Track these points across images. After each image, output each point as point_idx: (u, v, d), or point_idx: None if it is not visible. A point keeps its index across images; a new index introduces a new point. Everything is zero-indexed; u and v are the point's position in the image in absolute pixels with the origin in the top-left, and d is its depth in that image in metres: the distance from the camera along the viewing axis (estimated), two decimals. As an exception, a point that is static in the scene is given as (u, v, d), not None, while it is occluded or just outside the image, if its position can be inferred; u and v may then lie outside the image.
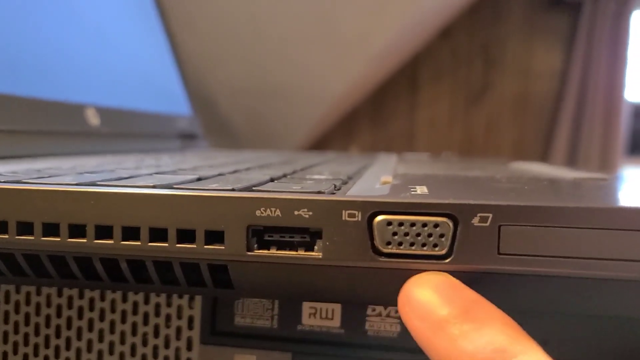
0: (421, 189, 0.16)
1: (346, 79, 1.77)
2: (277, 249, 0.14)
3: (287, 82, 1.74)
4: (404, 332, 0.19)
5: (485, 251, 0.13)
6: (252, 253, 0.14)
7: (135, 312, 0.20)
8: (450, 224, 0.14)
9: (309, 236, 0.14)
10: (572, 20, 1.86)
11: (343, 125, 2.07)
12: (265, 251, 0.14)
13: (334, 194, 0.15)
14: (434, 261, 0.14)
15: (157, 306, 0.20)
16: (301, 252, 0.14)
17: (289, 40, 1.59)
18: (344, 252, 0.14)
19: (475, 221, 0.13)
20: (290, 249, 0.14)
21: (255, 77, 1.76)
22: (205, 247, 0.14)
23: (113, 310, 0.20)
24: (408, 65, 2.00)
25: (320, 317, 0.19)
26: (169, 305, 0.20)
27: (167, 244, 0.14)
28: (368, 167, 0.28)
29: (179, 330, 0.20)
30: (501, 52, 1.97)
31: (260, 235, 0.14)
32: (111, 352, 0.20)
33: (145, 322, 0.20)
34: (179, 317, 0.20)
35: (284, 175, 0.21)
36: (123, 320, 0.20)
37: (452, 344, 0.12)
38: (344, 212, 0.14)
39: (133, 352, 0.20)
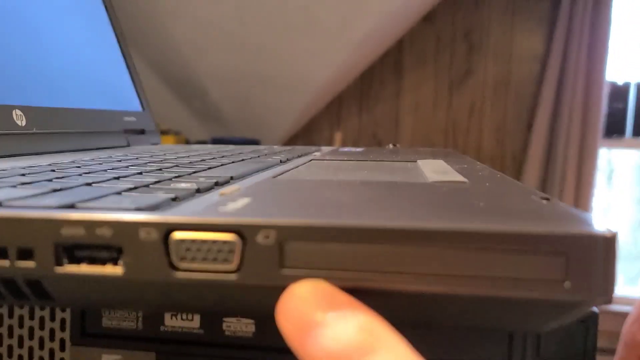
0: (242, 202, 0.17)
1: (330, 66, 1.77)
2: (88, 264, 0.15)
3: (273, 70, 1.74)
4: (259, 332, 0.20)
5: (270, 266, 0.14)
6: (61, 268, 0.15)
7: (11, 316, 0.21)
8: (238, 241, 0.15)
9: (115, 252, 0.15)
10: (553, 4, 1.86)
11: (331, 112, 2.08)
12: (74, 266, 0.15)
13: (140, 210, 0.16)
14: (225, 275, 0.15)
15: (32, 310, 0.21)
16: (105, 268, 0.15)
17: (273, 29, 1.59)
18: (143, 268, 0.15)
19: (259, 238, 0.14)
20: (101, 264, 0.15)
21: (242, 66, 1.77)
22: (17, 263, 0.15)
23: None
24: (392, 50, 2.00)
25: (181, 318, 0.21)
26: (42, 308, 0.21)
27: None
28: (263, 169, 0.29)
29: (52, 333, 0.21)
30: (483, 36, 1.97)
31: (72, 251, 0.15)
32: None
33: (21, 325, 0.21)
34: (52, 319, 0.21)
35: (156, 182, 0.22)
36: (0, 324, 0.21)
37: (315, 339, 0.13)
38: (141, 230, 0.15)
39: (10, 353, 0.21)
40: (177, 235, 0.15)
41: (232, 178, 0.24)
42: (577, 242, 0.14)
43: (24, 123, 0.34)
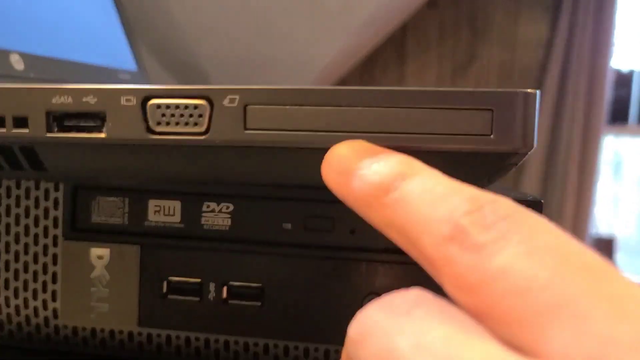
0: None
1: (332, 50, 1.78)
2: (77, 132, 0.17)
3: (274, 53, 1.76)
4: (234, 225, 0.22)
5: (234, 127, 0.16)
6: (51, 134, 0.17)
7: (8, 214, 0.23)
8: (207, 105, 0.16)
9: (100, 120, 0.17)
10: (557, -11, 1.86)
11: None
12: (64, 133, 0.17)
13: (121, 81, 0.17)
14: (196, 136, 0.17)
15: (27, 208, 0.23)
16: (91, 134, 0.17)
17: (274, 11, 1.60)
18: (123, 131, 0.17)
19: (226, 102, 0.16)
20: (88, 132, 0.17)
21: (243, 49, 1.78)
22: (14, 130, 0.17)
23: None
24: (396, 35, 2.01)
25: (164, 214, 0.22)
26: (36, 207, 0.23)
27: None
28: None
29: (46, 229, 0.23)
30: (487, 21, 1.97)
31: (62, 120, 0.17)
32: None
33: (17, 223, 0.23)
34: (46, 217, 0.23)
35: None
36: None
37: (358, 177, 0.14)
38: (122, 97, 0.17)
39: (7, 249, 0.23)
40: (154, 101, 0.17)
41: None
42: (500, 98, 0.15)
43: (22, 68, 0.36)
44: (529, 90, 0.16)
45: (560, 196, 1.83)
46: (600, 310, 0.11)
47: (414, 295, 0.13)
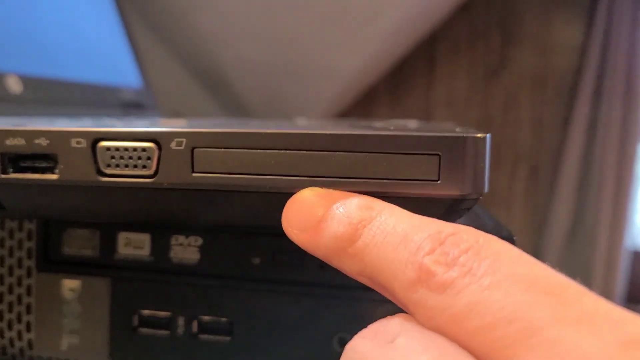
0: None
1: (361, 56, 1.78)
2: (31, 172, 0.17)
3: (300, 61, 1.76)
4: (203, 259, 0.22)
5: (182, 170, 0.16)
6: (5, 175, 0.17)
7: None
8: (156, 148, 0.16)
9: (53, 162, 0.17)
10: (591, -8, 1.82)
11: (361, 103, 2.08)
12: (19, 174, 0.17)
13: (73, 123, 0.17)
14: (144, 179, 0.16)
15: (2, 240, 0.23)
16: (43, 175, 0.17)
17: (301, 17, 1.60)
18: (74, 173, 0.17)
19: (173, 145, 0.16)
20: (41, 173, 0.17)
21: (269, 55, 1.79)
22: None
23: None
24: (425, 41, 1.99)
25: (133, 247, 0.22)
26: (11, 237, 0.23)
27: None
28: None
29: (20, 260, 0.23)
30: (519, 26, 1.94)
31: (17, 162, 0.17)
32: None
33: (-7, 253, 0.23)
34: (20, 248, 0.23)
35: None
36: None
37: (323, 231, 0.15)
38: (72, 140, 0.16)
39: (-17, 279, 0.23)
40: (103, 143, 0.16)
41: None
42: (447, 142, 0.15)
43: (20, 90, 0.37)
44: (477, 134, 0.15)
45: (596, 208, 1.78)
46: (570, 332, 0.11)
47: (397, 323, 0.13)
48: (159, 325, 0.22)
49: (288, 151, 0.15)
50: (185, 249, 0.22)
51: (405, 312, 0.14)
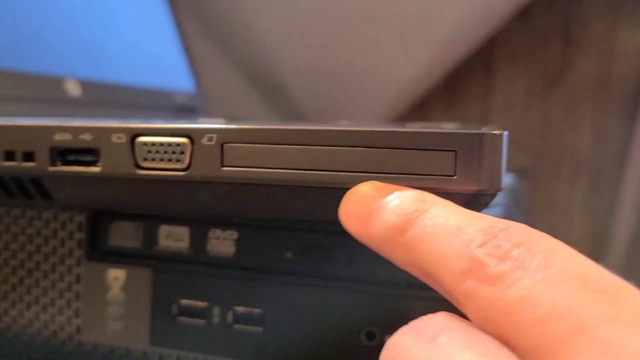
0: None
1: (415, 62, 1.76)
2: (76, 166, 0.18)
3: (353, 67, 1.76)
4: (238, 252, 0.23)
5: (212, 164, 0.17)
6: (53, 168, 0.18)
7: (38, 235, 0.25)
8: (189, 143, 0.17)
9: (96, 156, 0.18)
10: (658, -5, 1.75)
11: (416, 109, 2.07)
12: (64, 167, 0.18)
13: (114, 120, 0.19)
14: (178, 172, 0.17)
15: (55, 231, 0.25)
16: (87, 168, 0.18)
17: (354, 22, 1.61)
18: (114, 166, 0.18)
19: (205, 141, 0.17)
20: (86, 165, 0.18)
21: (323, 61, 1.80)
22: (23, 164, 0.19)
23: (23, 234, 0.25)
24: (482, 47, 1.96)
25: (174, 239, 0.23)
26: (63, 229, 0.24)
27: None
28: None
29: (71, 250, 0.24)
30: (582, 30, 1.88)
31: (64, 155, 0.19)
32: (22, 266, 0.25)
33: (46, 243, 0.25)
34: (71, 238, 0.24)
35: None
36: (31, 241, 0.25)
37: (376, 220, 0.15)
38: (113, 135, 0.18)
39: (37, 267, 0.25)
40: (141, 138, 0.18)
41: None
42: (463, 139, 0.15)
43: (78, 94, 0.39)
44: (494, 131, 0.15)
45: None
46: (622, 332, 0.11)
47: (440, 320, 0.14)
48: (196, 315, 0.23)
49: (309, 147, 0.16)
50: (222, 242, 0.23)
51: (448, 311, 0.14)
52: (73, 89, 0.39)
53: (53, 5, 0.40)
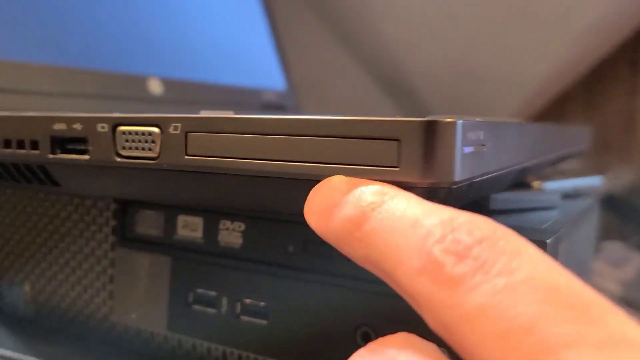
0: None
1: (550, 61, 1.66)
2: (72, 154, 0.20)
3: (485, 66, 1.69)
4: (245, 244, 0.23)
5: (178, 153, 0.17)
6: (53, 156, 0.20)
7: (82, 220, 0.27)
8: (159, 133, 0.18)
9: (86, 145, 0.19)
10: None
11: (552, 110, 1.94)
12: (62, 155, 0.20)
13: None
14: (149, 161, 0.18)
15: (94, 217, 0.26)
16: (79, 156, 0.19)
17: (486, 21, 1.55)
18: (99, 154, 0.19)
19: (171, 130, 0.17)
20: (81, 154, 0.20)
21: (453, 62, 1.75)
22: (29, 151, 0.20)
23: (69, 219, 0.27)
24: (627, 43, 1.79)
25: (190, 229, 0.24)
26: (100, 215, 0.26)
27: (11, 150, 0.21)
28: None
29: (107, 236, 0.26)
30: None
31: (63, 144, 0.20)
32: (68, 250, 0.27)
33: (87, 228, 0.27)
34: (107, 224, 0.26)
35: None
36: (75, 225, 0.27)
37: (336, 214, 0.15)
38: (98, 124, 0.19)
39: (80, 250, 0.27)
40: (121, 128, 0.18)
41: None
42: (407, 127, 0.14)
43: (160, 92, 0.41)
44: (445, 119, 0.14)
45: None
46: (591, 357, 0.10)
47: (400, 340, 0.13)
48: (208, 304, 0.24)
49: (259, 136, 0.16)
50: (231, 234, 0.23)
51: (407, 332, 0.14)
52: (155, 87, 0.41)
53: (138, 7, 0.42)
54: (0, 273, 0.29)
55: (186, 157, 0.17)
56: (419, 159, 0.14)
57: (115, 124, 0.18)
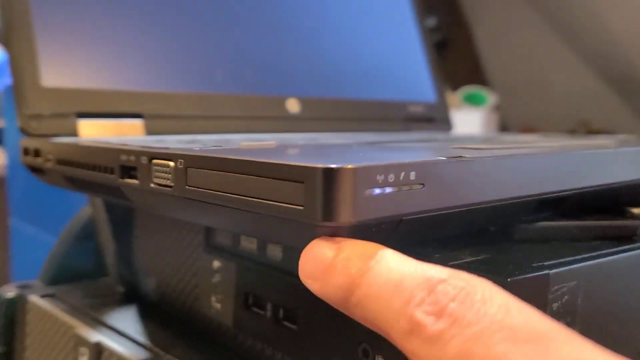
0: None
1: None
2: (131, 180, 0.25)
3: None
4: (285, 257, 0.26)
5: (182, 183, 0.21)
6: (122, 180, 0.25)
7: (182, 229, 0.32)
8: (172, 165, 0.22)
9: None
10: None
11: None
12: (128, 180, 0.25)
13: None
14: (166, 189, 0.22)
15: (189, 229, 0.32)
16: (132, 180, 0.24)
17: None
18: (143, 181, 0.24)
19: (178, 164, 0.21)
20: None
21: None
22: (105, 175, 0.26)
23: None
24: None
25: (249, 241, 0.28)
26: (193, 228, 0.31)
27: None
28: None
29: (198, 244, 0.31)
30: None
31: (129, 171, 0.25)
32: (172, 255, 0.33)
33: (186, 237, 0.32)
34: (198, 235, 0.31)
35: None
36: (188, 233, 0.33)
37: (324, 284, 0.17)
38: (141, 157, 0.23)
39: (190, 255, 0.32)
40: (154, 160, 0.23)
41: None
42: (310, 172, 0.16)
43: (297, 110, 0.46)
44: (346, 165, 0.16)
45: None
46: None
47: None
48: (260, 307, 0.27)
49: (222, 172, 0.19)
50: (274, 247, 0.26)
51: None
52: (292, 106, 0.46)
53: (281, 34, 0.48)
54: (136, 269, 0.36)
55: (186, 187, 0.21)
56: (319, 201, 0.16)
57: (151, 157, 0.23)
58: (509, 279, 0.18)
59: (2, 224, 1.01)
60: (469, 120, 1.24)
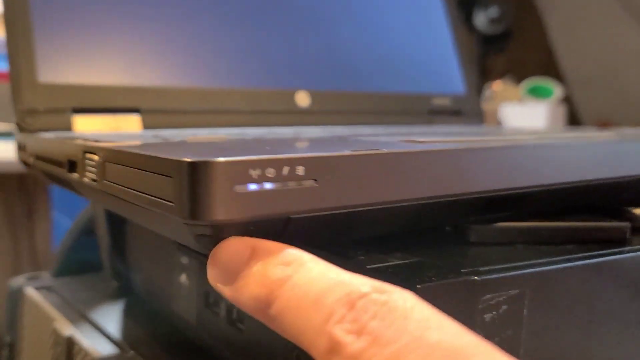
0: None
1: None
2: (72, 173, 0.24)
3: None
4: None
5: (102, 177, 0.20)
6: (69, 175, 0.25)
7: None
8: (96, 159, 0.21)
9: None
10: None
11: None
12: (71, 174, 0.24)
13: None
14: (94, 183, 0.21)
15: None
16: (72, 174, 0.24)
17: None
18: (80, 175, 0.23)
19: (100, 158, 0.20)
20: None
21: None
22: (61, 170, 0.26)
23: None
24: None
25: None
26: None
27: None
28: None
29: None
30: None
31: (75, 165, 0.25)
32: (155, 255, 0.32)
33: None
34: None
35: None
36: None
37: (240, 291, 0.15)
38: (79, 152, 0.23)
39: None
40: (87, 154, 0.22)
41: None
42: (175, 166, 0.15)
43: (307, 104, 0.45)
44: (211, 159, 0.14)
45: None
46: None
47: None
48: (217, 307, 0.26)
49: (118, 165, 0.18)
50: None
51: None
52: (302, 99, 0.45)
53: (295, 26, 0.46)
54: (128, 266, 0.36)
55: (104, 181, 0.20)
56: (186, 196, 0.15)
57: (84, 151, 0.22)
58: (418, 286, 0.16)
59: (46, 217, 1.06)
60: (532, 114, 1.17)
